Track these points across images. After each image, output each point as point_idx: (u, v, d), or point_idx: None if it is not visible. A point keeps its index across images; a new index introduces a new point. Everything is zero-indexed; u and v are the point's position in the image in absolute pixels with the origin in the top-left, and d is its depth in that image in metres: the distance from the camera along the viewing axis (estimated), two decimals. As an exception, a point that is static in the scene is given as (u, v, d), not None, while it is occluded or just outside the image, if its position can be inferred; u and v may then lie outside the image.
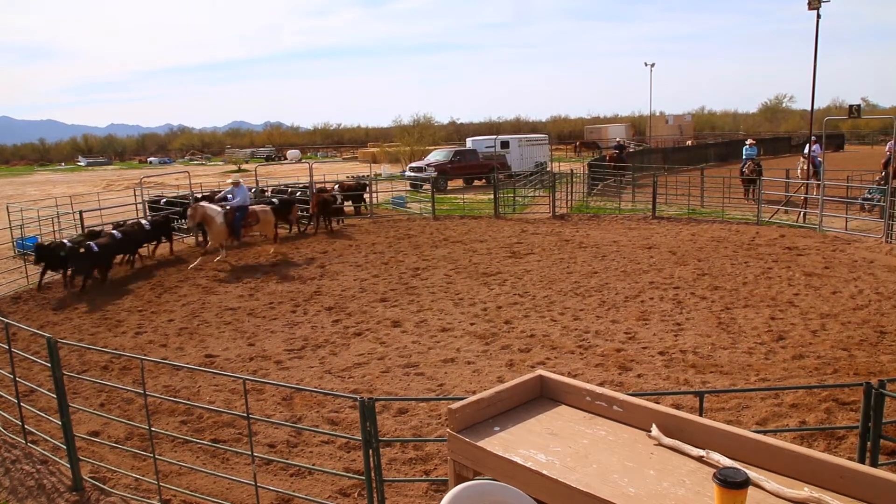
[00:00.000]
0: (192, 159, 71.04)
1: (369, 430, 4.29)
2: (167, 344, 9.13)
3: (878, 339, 8.14)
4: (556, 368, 7.36)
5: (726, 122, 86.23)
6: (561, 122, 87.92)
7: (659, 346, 8.16)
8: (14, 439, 6.08)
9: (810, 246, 13.69)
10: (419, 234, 17.02)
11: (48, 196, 26.29)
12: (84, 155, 76.18)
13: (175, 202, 18.57)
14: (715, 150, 39.50)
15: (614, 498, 1.62)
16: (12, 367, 5.89)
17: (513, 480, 1.78)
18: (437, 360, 8.02)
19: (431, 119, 65.25)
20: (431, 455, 5.74)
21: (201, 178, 32.55)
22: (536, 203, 21.42)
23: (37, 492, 5.30)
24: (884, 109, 74.97)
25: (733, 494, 1.50)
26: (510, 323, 9.37)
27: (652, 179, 19.19)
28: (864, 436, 4.35)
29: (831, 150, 39.87)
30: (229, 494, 5.25)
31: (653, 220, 17.66)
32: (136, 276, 13.44)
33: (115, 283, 12.80)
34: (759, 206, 16.95)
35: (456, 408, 2.00)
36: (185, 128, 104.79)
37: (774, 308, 9.54)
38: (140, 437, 6.20)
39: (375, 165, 37.25)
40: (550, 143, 40.23)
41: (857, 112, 17.72)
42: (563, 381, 2.20)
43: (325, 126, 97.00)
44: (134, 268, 14.16)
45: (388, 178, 31.04)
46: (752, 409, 6.24)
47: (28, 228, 15.92)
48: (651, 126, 61.19)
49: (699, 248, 13.97)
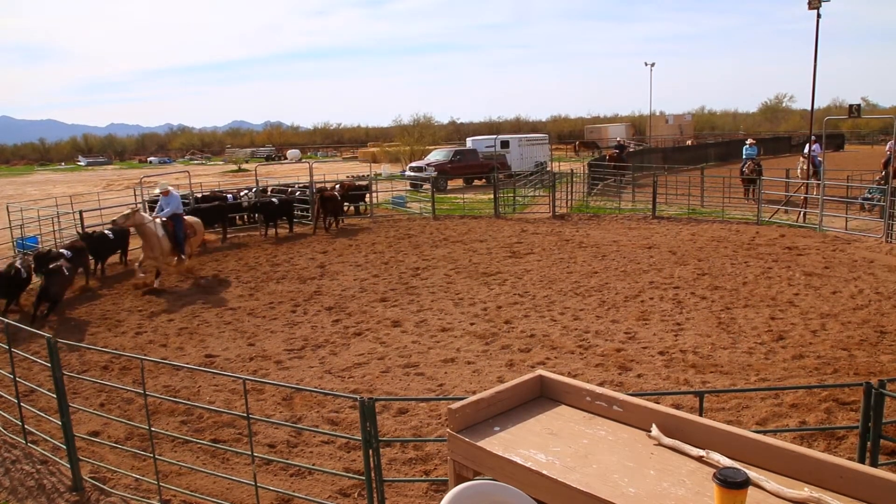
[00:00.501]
0: (192, 159, 71.06)
1: (369, 430, 4.29)
2: (167, 344, 9.13)
3: (878, 339, 8.14)
4: (556, 368, 7.36)
5: (726, 122, 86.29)
6: (561, 122, 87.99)
7: (659, 346, 8.16)
8: (14, 439, 6.08)
9: (810, 246, 13.69)
10: (419, 234, 17.02)
11: (48, 196, 26.29)
12: (84, 155, 76.24)
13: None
14: (715, 149, 39.50)
15: (614, 498, 1.62)
16: (12, 367, 5.89)
17: (513, 480, 1.78)
18: (437, 360, 8.02)
19: (431, 119, 65.38)
20: (431, 455, 5.74)
21: (201, 177, 32.53)
22: (536, 203, 21.42)
23: (37, 492, 5.30)
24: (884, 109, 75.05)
25: (733, 494, 1.50)
26: (510, 323, 9.37)
27: (652, 179, 19.20)
28: (864, 436, 4.35)
29: (831, 150, 39.87)
30: (229, 494, 5.25)
31: (653, 219, 17.66)
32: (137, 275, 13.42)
33: (115, 283, 12.79)
34: (759, 206, 16.95)
35: (456, 408, 2.00)
36: (185, 127, 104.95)
37: (774, 308, 9.54)
38: (140, 437, 6.20)
39: (375, 165, 37.26)
40: (550, 142, 40.24)
41: (857, 112, 17.72)
42: (563, 381, 2.20)
43: (325, 126, 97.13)
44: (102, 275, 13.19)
45: (388, 177, 31.05)
46: (752, 409, 6.24)
47: (28, 228, 15.90)
48: (651, 126, 61.22)
49: (699, 247, 13.97)
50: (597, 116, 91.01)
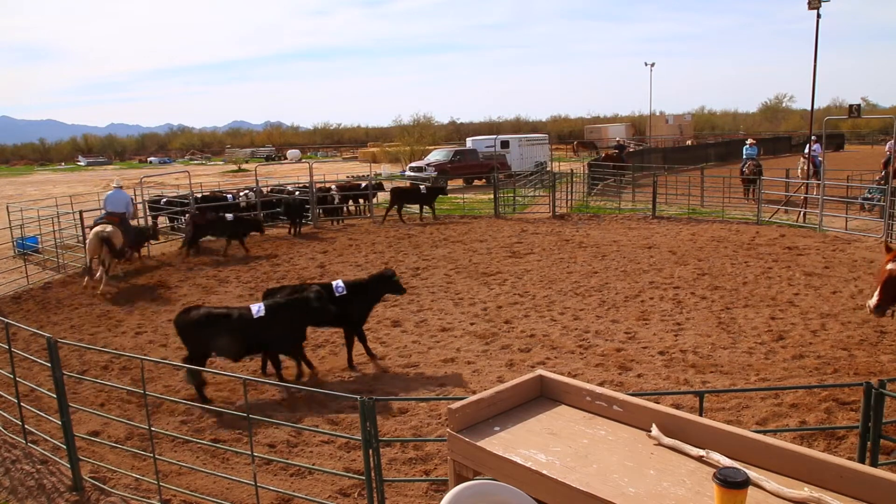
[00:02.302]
0: (192, 159, 71.07)
1: (369, 430, 4.29)
2: (167, 344, 9.12)
3: (878, 339, 8.14)
4: (556, 368, 7.36)
5: (726, 122, 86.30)
6: (561, 122, 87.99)
7: (659, 346, 8.15)
8: (14, 439, 6.08)
9: (810, 246, 13.68)
10: (419, 234, 17.01)
11: (48, 196, 26.29)
12: (84, 155, 76.24)
13: (175, 202, 18.58)
14: (715, 150, 39.49)
15: (614, 498, 1.62)
16: (12, 367, 5.88)
17: (513, 480, 1.78)
18: (437, 360, 8.02)
19: (431, 119, 65.41)
20: (431, 455, 5.74)
21: (201, 177, 32.54)
22: (536, 203, 21.42)
23: (37, 492, 5.30)
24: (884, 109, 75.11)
25: (733, 494, 1.50)
26: (510, 323, 9.37)
27: (652, 179, 19.19)
28: (864, 436, 4.34)
29: (831, 150, 39.85)
30: (229, 494, 5.25)
31: (653, 219, 17.66)
32: (137, 275, 13.43)
33: (114, 283, 12.79)
34: (759, 206, 16.94)
35: (456, 408, 2.00)
36: (185, 127, 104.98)
37: (774, 308, 9.54)
38: (140, 437, 6.20)
39: (375, 165, 37.26)
40: (550, 142, 40.25)
41: (857, 112, 17.71)
42: (563, 381, 2.20)
43: (325, 126, 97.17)
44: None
45: (388, 177, 31.05)
46: (752, 409, 6.23)
47: (28, 228, 15.91)
48: (651, 126, 61.20)
49: (699, 247, 13.97)
50: (597, 116, 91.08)
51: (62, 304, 11.40)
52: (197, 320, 7.10)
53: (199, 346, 7.15)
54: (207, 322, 7.06)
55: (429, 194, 19.34)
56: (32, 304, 11.53)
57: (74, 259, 14.36)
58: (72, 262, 14.25)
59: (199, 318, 7.12)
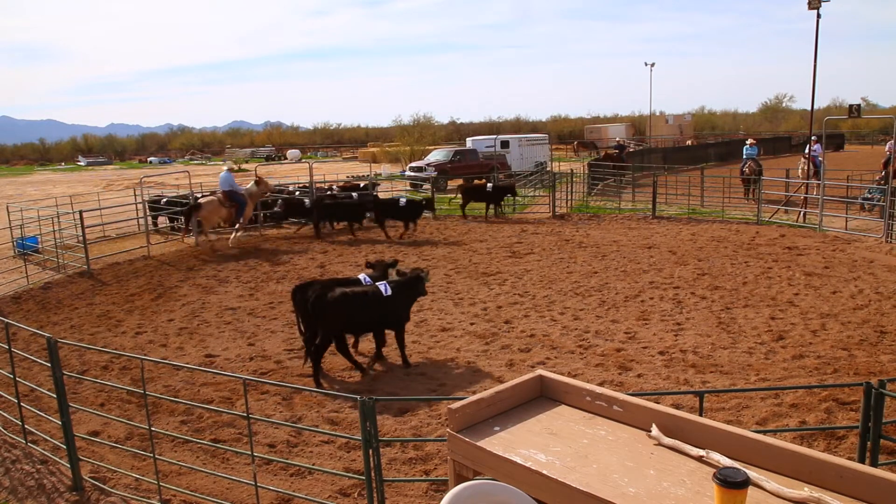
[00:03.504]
0: (192, 159, 71.05)
1: (369, 430, 4.29)
2: (167, 344, 9.13)
3: (878, 338, 8.14)
4: (556, 368, 7.36)
5: (726, 122, 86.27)
6: (561, 122, 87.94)
7: (659, 346, 8.15)
8: (14, 439, 6.08)
9: (810, 246, 13.68)
10: (419, 233, 17.01)
11: (48, 196, 26.30)
12: (84, 155, 76.19)
13: (175, 202, 18.57)
14: (715, 149, 39.50)
15: (614, 498, 1.62)
16: (12, 367, 5.89)
17: (513, 480, 1.78)
18: (437, 360, 8.02)
19: (431, 119, 65.32)
20: (431, 455, 5.74)
21: (201, 177, 32.51)
22: (536, 203, 21.42)
23: (37, 492, 5.30)
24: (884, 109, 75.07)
25: (733, 494, 1.50)
26: (510, 323, 9.37)
27: (652, 179, 19.20)
28: (864, 436, 4.35)
29: (831, 150, 39.88)
30: (229, 494, 5.25)
31: (653, 219, 17.66)
32: (137, 275, 13.43)
33: (114, 283, 12.79)
34: (759, 206, 16.95)
35: (456, 408, 2.00)
36: (185, 127, 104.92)
37: (774, 308, 9.54)
38: (140, 437, 6.20)
39: (375, 165, 37.27)
40: (550, 142, 40.25)
41: (857, 112, 17.70)
42: (563, 380, 2.20)
43: (325, 126, 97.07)
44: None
45: (388, 177, 31.05)
46: (752, 409, 6.24)
47: (28, 228, 15.91)
48: (651, 126, 61.19)
49: (699, 247, 13.97)
50: (597, 116, 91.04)
51: (62, 304, 11.40)
52: (341, 299, 7.33)
53: (339, 325, 7.43)
54: (348, 300, 7.37)
55: (496, 193, 19.45)
56: (32, 304, 11.52)
57: (74, 259, 14.36)
58: (72, 262, 14.24)
59: (344, 296, 7.36)
